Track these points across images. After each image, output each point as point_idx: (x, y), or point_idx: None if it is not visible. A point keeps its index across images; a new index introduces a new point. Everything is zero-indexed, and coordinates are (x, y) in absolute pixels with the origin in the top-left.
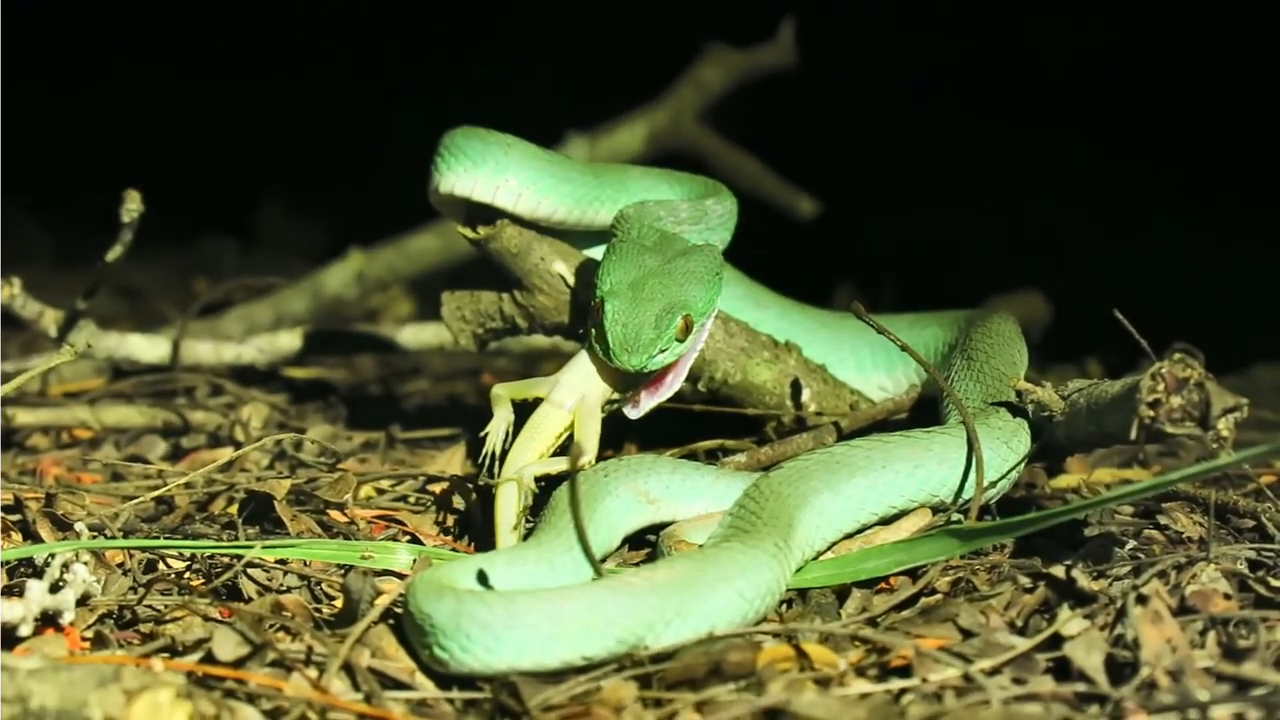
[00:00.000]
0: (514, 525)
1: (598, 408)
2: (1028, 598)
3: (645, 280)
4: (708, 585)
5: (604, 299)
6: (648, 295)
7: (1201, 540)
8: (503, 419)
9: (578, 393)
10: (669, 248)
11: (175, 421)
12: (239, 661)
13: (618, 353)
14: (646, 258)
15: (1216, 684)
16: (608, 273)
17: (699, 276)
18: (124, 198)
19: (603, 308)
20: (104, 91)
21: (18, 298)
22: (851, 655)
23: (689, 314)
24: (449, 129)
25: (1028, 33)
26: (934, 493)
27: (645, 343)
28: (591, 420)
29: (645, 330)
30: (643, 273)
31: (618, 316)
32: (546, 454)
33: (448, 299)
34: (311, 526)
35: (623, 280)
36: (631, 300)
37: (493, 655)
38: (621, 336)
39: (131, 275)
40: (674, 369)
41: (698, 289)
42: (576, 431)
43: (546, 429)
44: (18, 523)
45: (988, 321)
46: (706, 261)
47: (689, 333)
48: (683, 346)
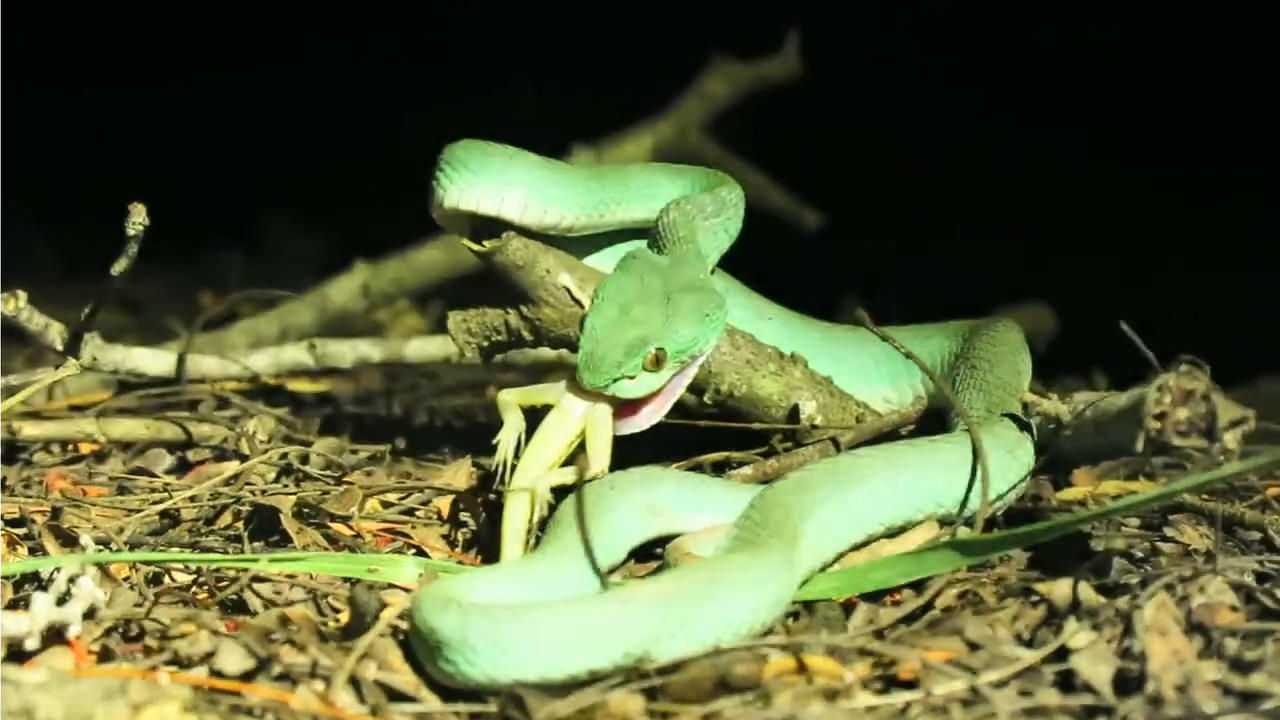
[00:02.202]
0: (522, 536)
1: (609, 416)
2: (1034, 610)
3: (635, 304)
4: (713, 597)
5: (590, 314)
6: (631, 320)
7: (1208, 553)
8: (513, 427)
9: (587, 400)
10: (677, 276)
11: (181, 435)
12: (245, 675)
13: (582, 367)
14: (651, 280)
15: (1223, 696)
16: (605, 287)
17: (689, 316)
18: (129, 211)
19: (584, 321)
20: (109, 103)
21: (23, 311)
22: (858, 668)
23: (662, 348)
24: (452, 142)
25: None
26: (940, 502)
27: (609, 364)
28: (603, 429)
29: (613, 352)
30: (637, 296)
31: (594, 333)
32: (558, 462)
33: (453, 316)
34: (317, 540)
35: (615, 298)
36: (615, 320)
37: (498, 668)
38: (590, 353)
39: (137, 289)
40: (652, 401)
41: (684, 327)
42: (588, 441)
43: (558, 437)
44: (24, 536)
45: (992, 331)
46: (703, 303)
47: (659, 366)
48: (654, 379)
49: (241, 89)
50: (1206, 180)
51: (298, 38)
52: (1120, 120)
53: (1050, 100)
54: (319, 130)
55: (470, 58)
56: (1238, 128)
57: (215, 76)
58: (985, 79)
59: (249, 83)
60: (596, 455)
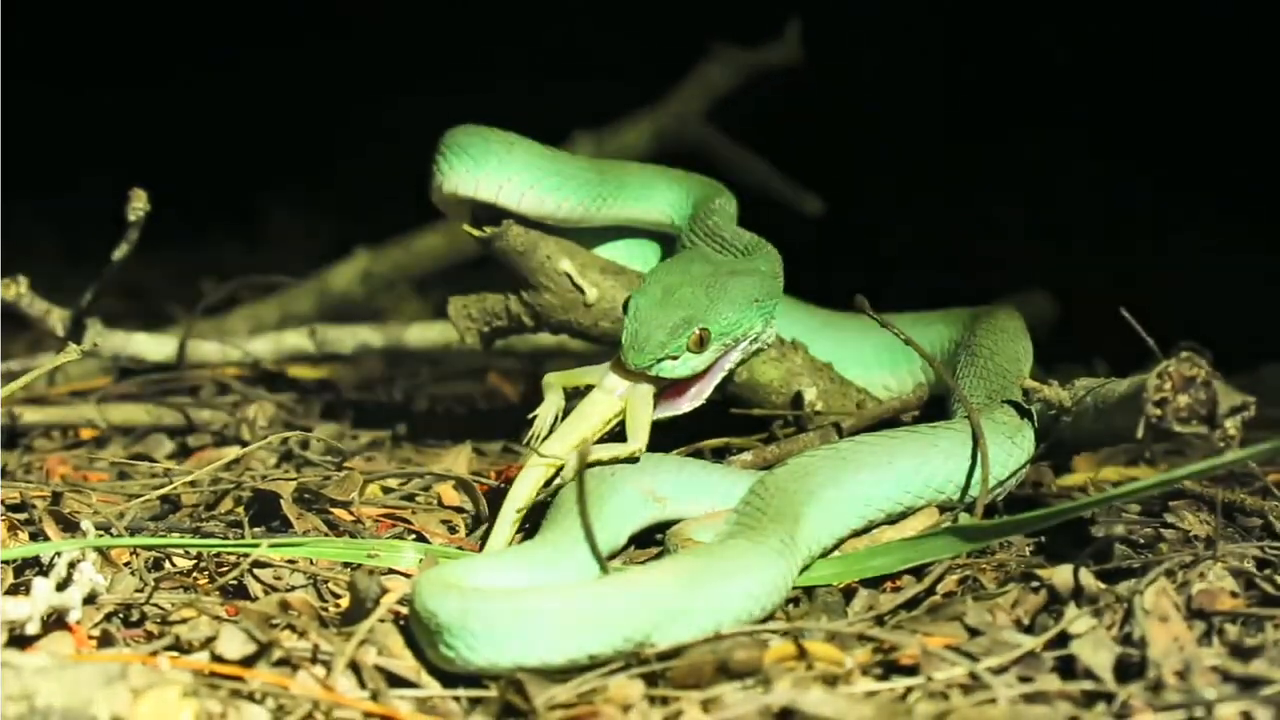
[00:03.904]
0: (515, 516)
1: (649, 396)
2: (1034, 596)
3: (680, 287)
4: (714, 583)
5: (635, 294)
6: (675, 302)
7: (1209, 539)
8: (553, 404)
9: (630, 381)
10: (731, 264)
11: (181, 420)
12: (245, 660)
13: (626, 347)
14: (696, 266)
15: (1223, 682)
16: (654, 271)
17: (734, 299)
18: (130, 196)
19: (629, 302)
20: (111, 89)
21: (24, 296)
22: (858, 653)
23: (706, 329)
24: (453, 127)
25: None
26: (940, 489)
27: (654, 345)
28: (643, 408)
29: (658, 333)
30: (683, 279)
31: (639, 314)
32: (592, 439)
33: (454, 301)
34: (318, 525)
35: (660, 282)
36: (659, 302)
37: (499, 653)
38: (634, 333)
39: (138, 274)
40: (696, 383)
41: (728, 309)
42: (628, 419)
43: (595, 414)
44: (24, 522)
45: (992, 317)
46: (750, 287)
47: (704, 347)
48: (699, 360)
49: (243, 76)
50: (1208, 166)
51: (299, 25)
52: (1120, 106)
53: (1051, 87)
54: (320, 117)
55: (471, 44)
56: (1238, 112)
57: (217, 64)
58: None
59: (251, 70)
60: (636, 432)
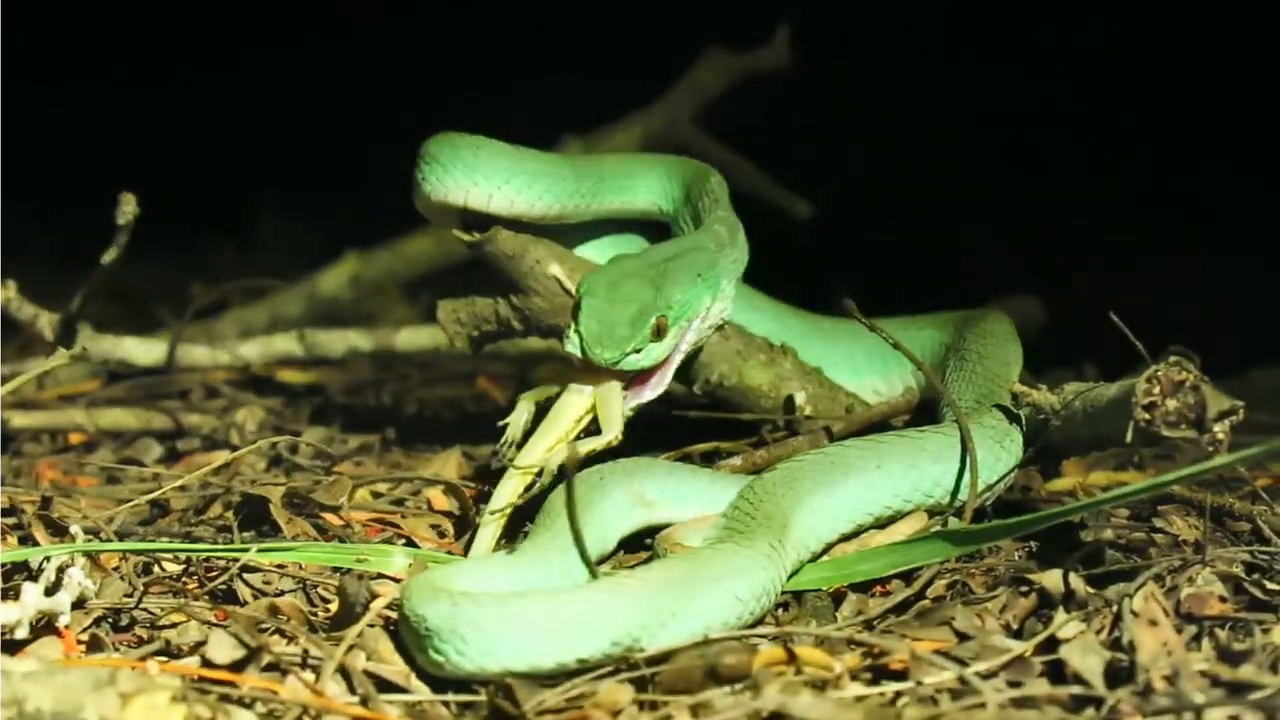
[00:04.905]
0: (499, 521)
1: (618, 388)
2: (1023, 601)
3: (623, 281)
4: (703, 587)
5: (581, 297)
6: (624, 296)
7: (1197, 543)
8: (524, 410)
9: (595, 381)
10: (667, 251)
11: (171, 425)
12: (235, 664)
13: (591, 345)
14: (630, 262)
15: (1212, 687)
16: (583, 282)
17: (678, 279)
18: (119, 200)
19: (578, 306)
20: (101, 94)
21: (13, 300)
22: (847, 658)
23: (663, 316)
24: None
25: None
26: (929, 493)
27: (619, 338)
28: (613, 400)
29: (619, 327)
30: (622, 274)
31: (592, 314)
32: (566, 439)
33: (443, 305)
34: (307, 530)
35: (601, 281)
36: (607, 300)
37: (488, 658)
38: (596, 331)
39: (127, 278)
40: (659, 371)
41: (675, 292)
42: (600, 414)
43: (567, 415)
44: (13, 526)
45: (982, 322)
46: (693, 263)
47: (662, 335)
48: (660, 349)
49: (232, 80)
50: (1197, 171)
51: (290, 28)
52: (1113, 110)
53: (1044, 90)
54: (310, 121)
55: (461, 48)
56: (1227, 118)
57: (206, 68)
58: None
59: (240, 74)
60: (611, 423)
